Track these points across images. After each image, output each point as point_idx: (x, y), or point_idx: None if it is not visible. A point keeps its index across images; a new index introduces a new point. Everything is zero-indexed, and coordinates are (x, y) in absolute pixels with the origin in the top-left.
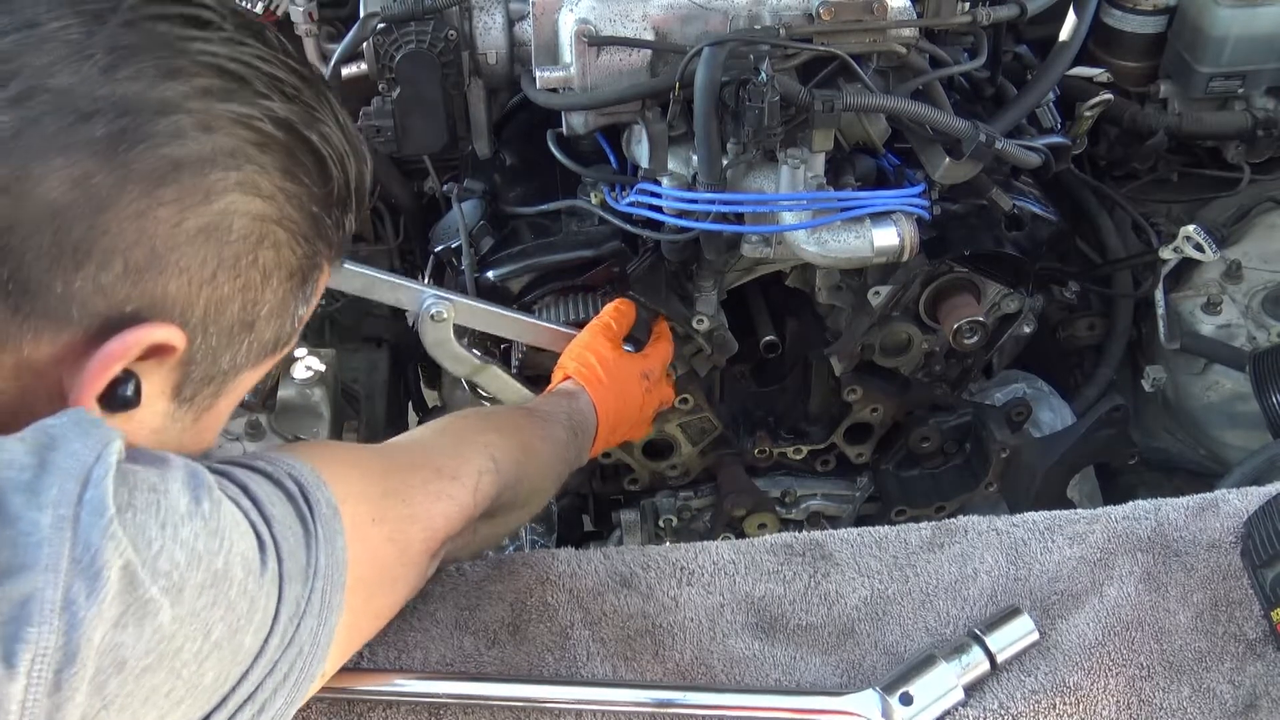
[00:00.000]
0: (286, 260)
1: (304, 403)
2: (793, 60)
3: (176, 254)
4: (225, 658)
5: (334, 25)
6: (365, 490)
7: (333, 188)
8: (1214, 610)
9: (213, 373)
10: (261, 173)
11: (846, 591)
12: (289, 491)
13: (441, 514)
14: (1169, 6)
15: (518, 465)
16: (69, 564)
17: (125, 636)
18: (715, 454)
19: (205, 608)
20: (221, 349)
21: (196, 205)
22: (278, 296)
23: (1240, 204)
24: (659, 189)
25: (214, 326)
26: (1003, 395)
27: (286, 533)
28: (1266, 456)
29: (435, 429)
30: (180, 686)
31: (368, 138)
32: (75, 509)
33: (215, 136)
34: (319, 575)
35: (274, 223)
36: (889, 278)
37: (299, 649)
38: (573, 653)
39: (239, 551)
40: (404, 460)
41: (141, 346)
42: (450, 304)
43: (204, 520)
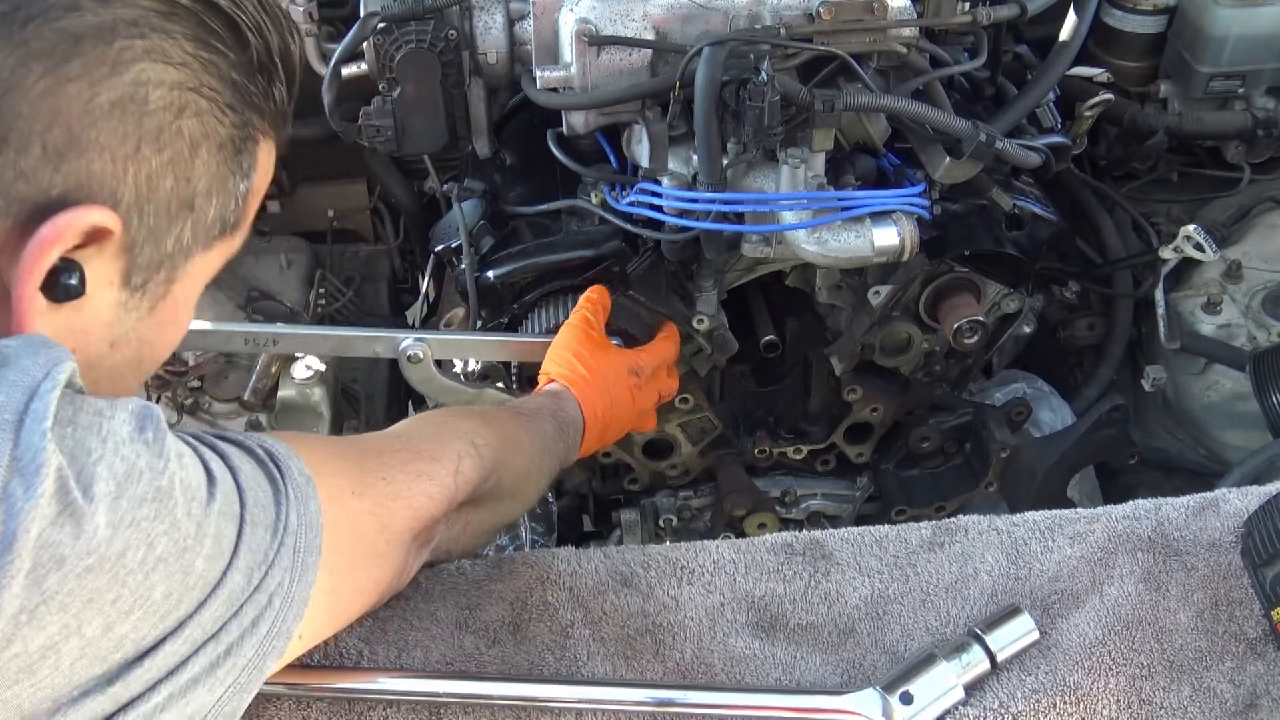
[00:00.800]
0: (213, 130)
1: (304, 403)
2: (793, 60)
3: (94, 131)
4: (174, 576)
5: (334, 25)
6: (343, 466)
7: (251, 54)
8: (1214, 609)
9: (159, 256)
10: (169, 39)
11: (847, 591)
12: (257, 456)
13: (423, 493)
14: (1169, 6)
15: (500, 452)
16: (9, 461)
17: (62, 535)
18: (715, 454)
19: (146, 519)
20: (163, 230)
21: (106, 78)
22: (210, 169)
23: (1240, 204)
24: (659, 189)
25: (149, 205)
26: (1003, 395)
27: (253, 485)
28: (1266, 456)
29: (414, 420)
30: (126, 595)
31: (368, 138)
32: (20, 415)
33: (114, 7)
34: (289, 531)
35: (192, 91)
36: (889, 277)
37: (267, 598)
38: (573, 652)
39: (182, 479)
40: (383, 444)
41: (75, 230)
42: (425, 343)
43: (146, 445)
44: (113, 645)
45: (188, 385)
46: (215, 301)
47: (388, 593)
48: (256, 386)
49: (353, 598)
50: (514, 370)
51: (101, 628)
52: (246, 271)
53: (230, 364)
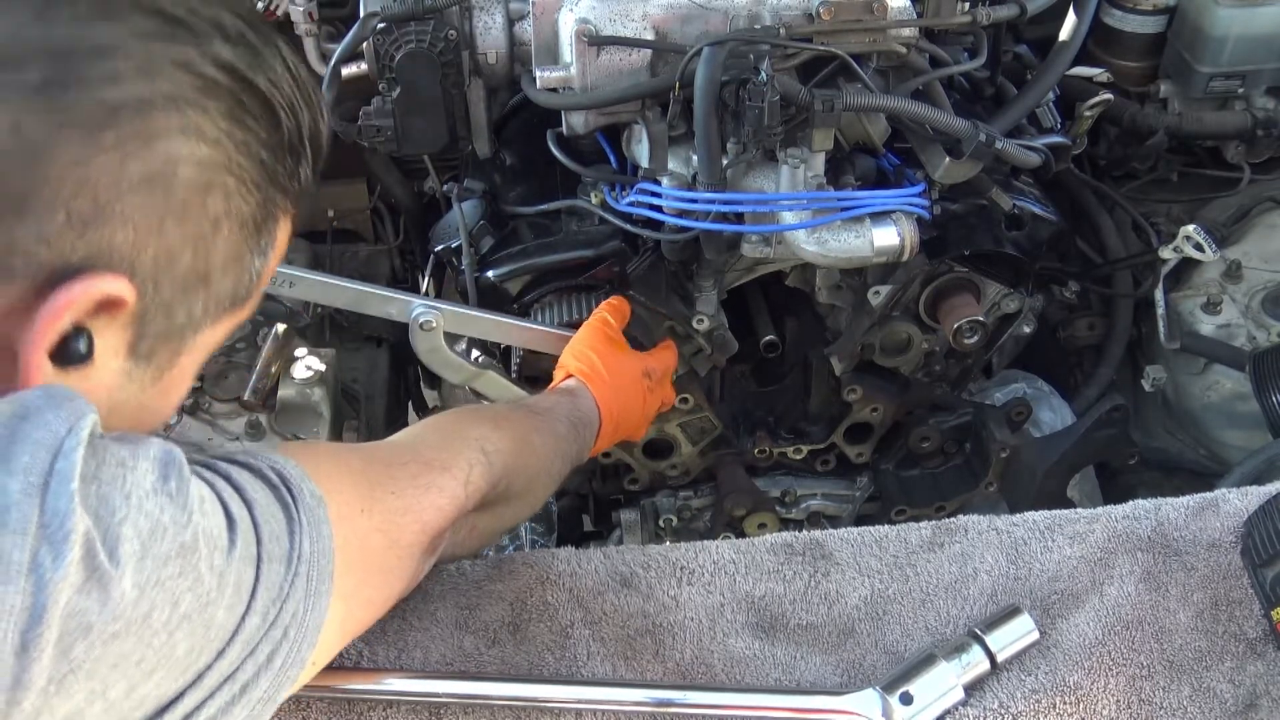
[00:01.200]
0: (238, 209)
1: (304, 403)
2: (793, 60)
3: (121, 203)
4: (197, 631)
5: (334, 25)
6: (352, 483)
7: (283, 135)
8: (1214, 609)
9: (169, 328)
10: (205, 117)
11: (847, 591)
12: (270, 481)
13: (432, 505)
14: (1169, 6)
15: (511, 457)
16: (37, 528)
17: (89, 602)
18: (715, 454)
19: (171, 578)
20: (176, 303)
21: (138, 151)
22: (230, 246)
23: (1240, 204)
24: (659, 189)
25: (166, 279)
26: (1003, 395)
27: (268, 517)
28: (1266, 456)
29: (425, 425)
30: (151, 655)
31: (368, 138)
32: (45, 477)
33: (155, 81)
34: (303, 560)
35: (222, 169)
36: (889, 277)
37: (282, 632)
38: (573, 652)
39: (205, 528)
40: (391, 456)
41: (90, 299)
42: (439, 312)
43: (170, 497)
44: (135, 705)
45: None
46: None
47: (395, 602)
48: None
49: (364, 614)
50: (515, 365)
51: (126, 689)
52: None
53: (230, 364)
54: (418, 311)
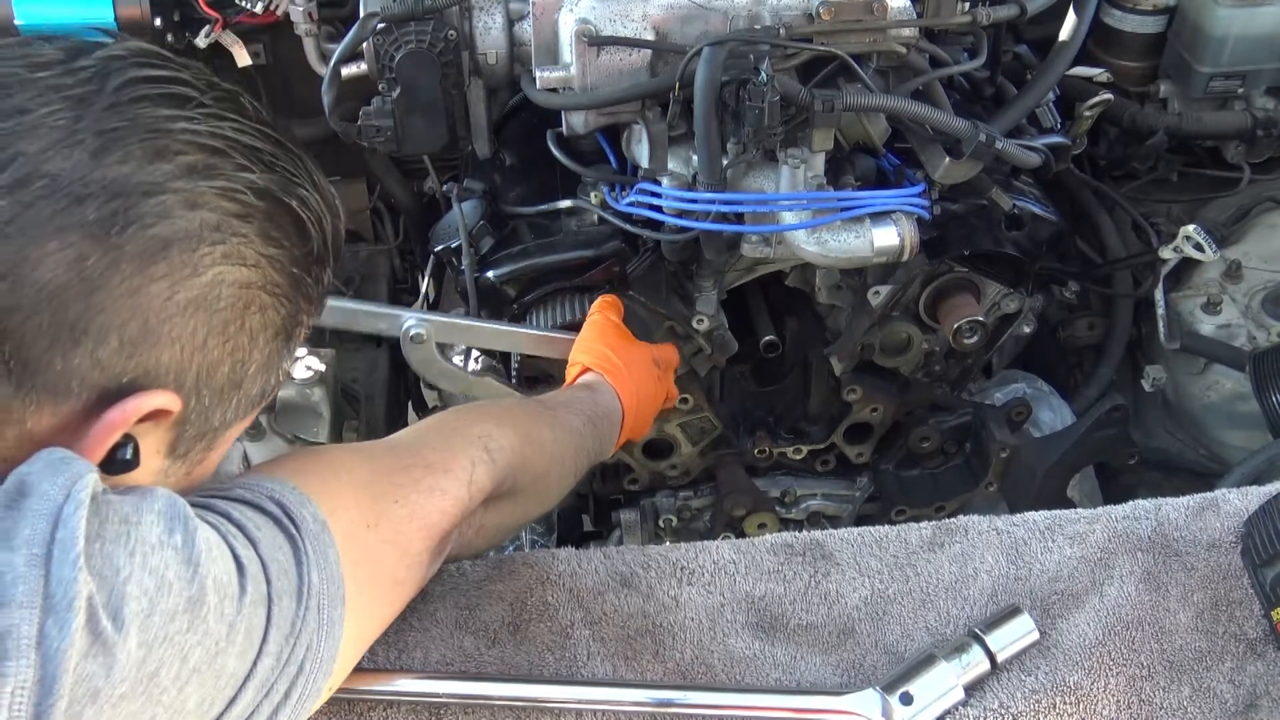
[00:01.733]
0: (271, 321)
1: (304, 403)
2: (793, 60)
3: (169, 326)
4: (207, 682)
5: (334, 25)
6: (355, 498)
7: (312, 247)
8: (1214, 610)
9: (205, 430)
10: (246, 242)
11: (847, 591)
12: (272, 514)
13: (436, 509)
14: (1169, 6)
15: (515, 453)
16: (42, 601)
17: (95, 667)
18: (715, 454)
19: (179, 633)
20: (213, 408)
21: (186, 279)
22: (264, 355)
23: (1240, 204)
24: (659, 189)
25: (206, 389)
26: (1003, 395)
27: (275, 553)
28: (1266, 456)
29: (426, 424)
30: (161, 713)
31: (368, 138)
32: (48, 547)
33: (201, 212)
34: (313, 593)
35: (259, 289)
36: (889, 277)
37: (297, 667)
38: (573, 652)
39: (214, 576)
40: (393, 461)
41: (139, 414)
42: (429, 324)
43: (175, 550)
44: None
45: None
46: None
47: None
48: None
49: (375, 630)
50: (515, 367)
51: None
52: None
53: None
54: (408, 324)
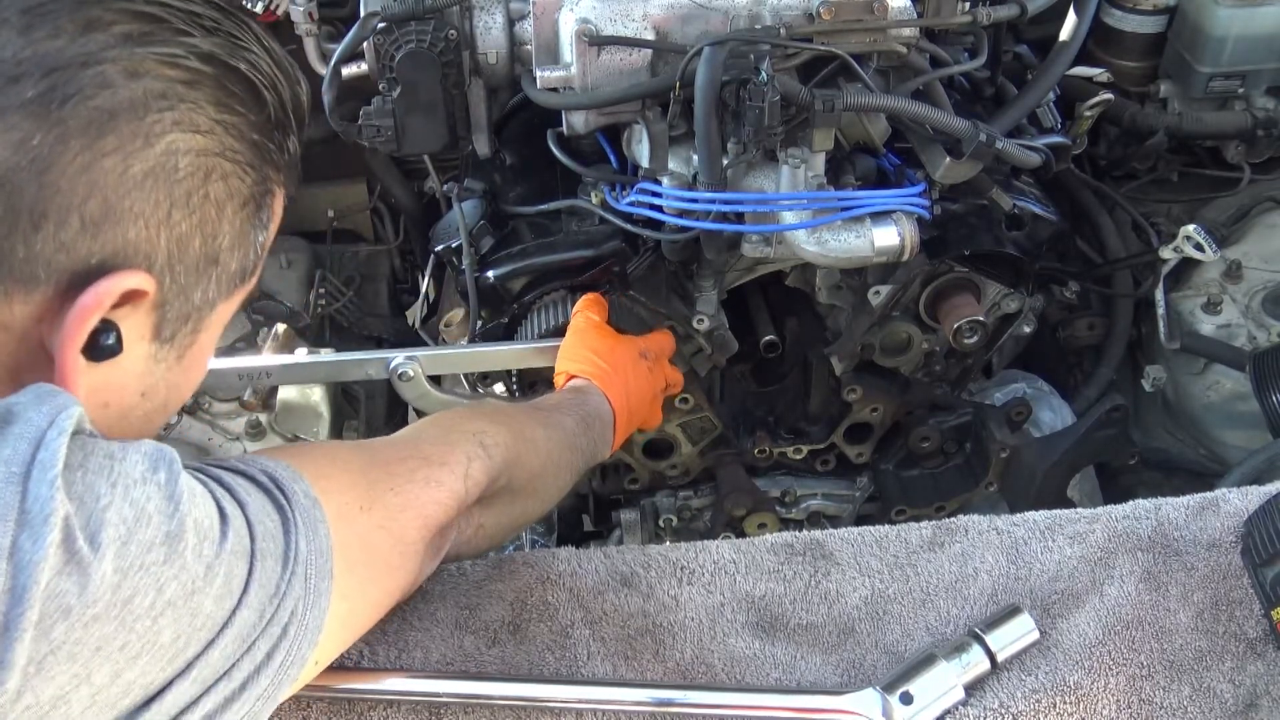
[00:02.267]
0: (237, 190)
1: (304, 403)
2: (793, 60)
3: (129, 200)
4: (182, 619)
5: (334, 25)
6: (350, 481)
7: (269, 112)
8: (1214, 609)
9: (187, 310)
10: (196, 109)
11: (847, 591)
12: (262, 484)
13: (432, 500)
14: (1169, 6)
15: (511, 450)
16: (17, 515)
17: (68, 585)
18: (715, 454)
19: (155, 564)
20: (191, 286)
21: (138, 150)
22: (235, 226)
23: (1240, 204)
24: (659, 188)
25: (180, 265)
26: (1003, 395)
27: (262, 517)
28: (1266, 456)
29: (423, 422)
30: (135, 641)
31: (368, 137)
32: (27, 467)
33: (144, 81)
34: (299, 560)
35: (217, 155)
36: (889, 277)
37: (281, 629)
38: (573, 652)
39: (194, 518)
40: (390, 453)
41: (114, 296)
42: (416, 361)
43: (159, 486)
44: (121, 691)
45: None
46: None
47: (400, 600)
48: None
49: (367, 613)
50: (514, 374)
51: (110, 675)
52: None
53: None
54: (395, 364)
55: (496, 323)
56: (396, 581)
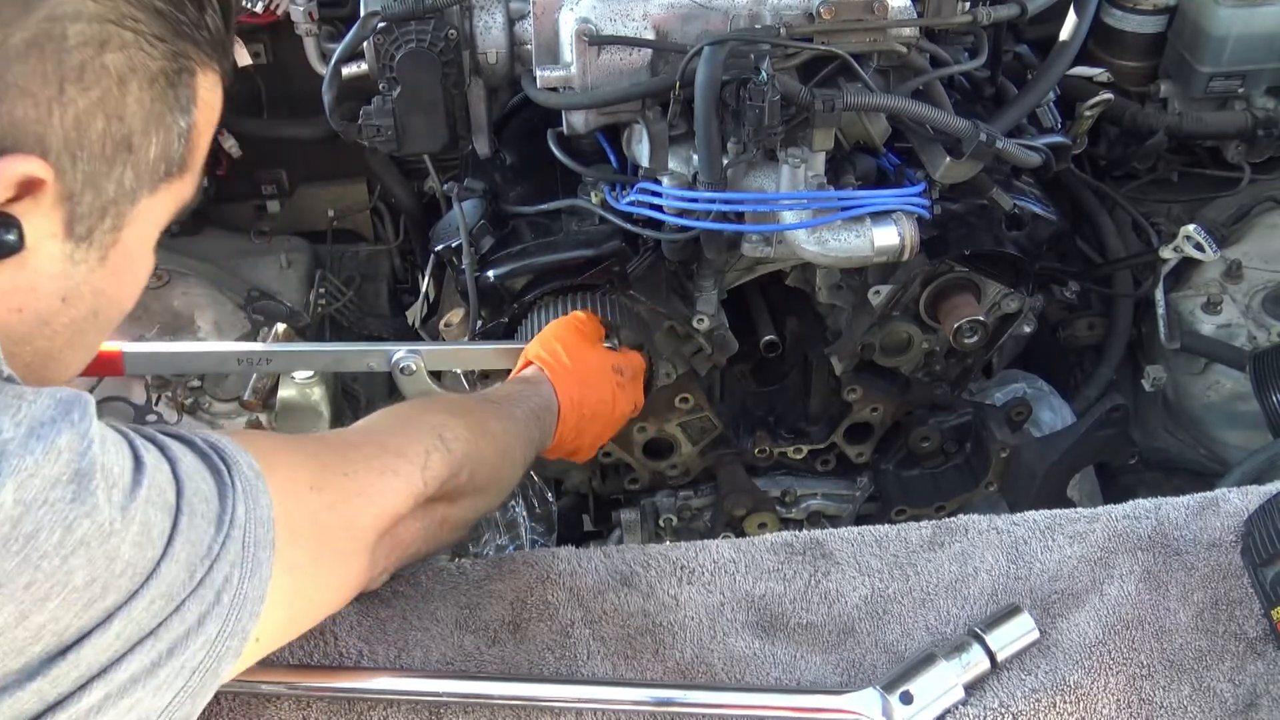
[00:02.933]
0: (141, 64)
1: (304, 403)
2: (793, 59)
3: (11, 74)
4: (97, 562)
5: (334, 25)
6: (299, 461)
7: None
8: (1214, 609)
9: (101, 202)
10: None
11: (847, 590)
12: (201, 449)
13: (389, 489)
14: (1169, 6)
15: (470, 444)
16: None
17: None
18: (715, 453)
19: (62, 500)
20: (101, 174)
21: (17, 19)
22: (144, 106)
23: (1240, 204)
24: (659, 188)
25: (82, 150)
26: (1003, 395)
27: (193, 475)
28: (1267, 456)
29: (381, 414)
30: (42, 580)
31: (368, 137)
32: None
33: None
34: (236, 525)
35: (113, 23)
36: (889, 277)
37: (215, 594)
38: (573, 651)
39: (105, 462)
40: (345, 439)
41: (5, 183)
42: (418, 355)
43: (71, 425)
44: (30, 636)
45: (188, 385)
46: (215, 302)
47: (355, 593)
48: (256, 386)
49: (316, 598)
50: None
51: (15, 615)
52: (247, 271)
53: None
54: (397, 358)
55: (497, 322)
56: (348, 568)
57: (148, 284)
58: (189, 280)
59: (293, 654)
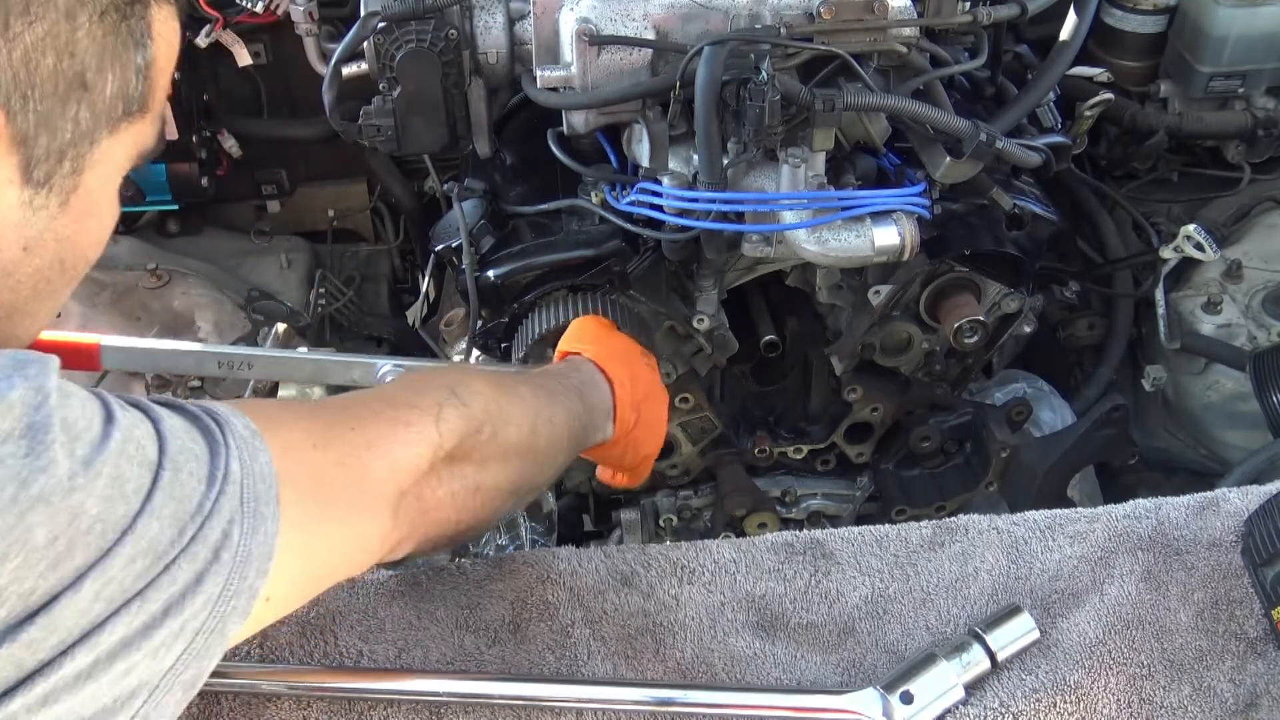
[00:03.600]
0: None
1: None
2: (793, 59)
3: None
4: (59, 518)
5: (334, 25)
6: (301, 423)
7: None
8: (1215, 609)
9: (58, 145)
10: None
11: (847, 590)
12: (191, 411)
13: (400, 441)
14: (1169, 6)
15: (491, 401)
16: None
17: None
18: (715, 453)
19: (13, 456)
20: (55, 114)
21: None
22: (96, 40)
23: (1240, 204)
24: (660, 188)
25: (34, 90)
26: (1003, 395)
27: (179, 433)
28: (1267, 456)
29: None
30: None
31: (369, 137)
32: None
33: None
34: (230, 480)
35: None
36: (889, 277)
37: (212, 552)
38: (573, 651)
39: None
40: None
41: None
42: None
43: (25, 380)
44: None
45: (187, 385)
46: (215, 302)
47: (382, 554)
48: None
49: (334, 558)
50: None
51: None
52: (247, 271)
53: None
54: (383, 372)
55: (497, 322)
56: (365, 526)
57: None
58: (189, 280)
59: (293, 654)
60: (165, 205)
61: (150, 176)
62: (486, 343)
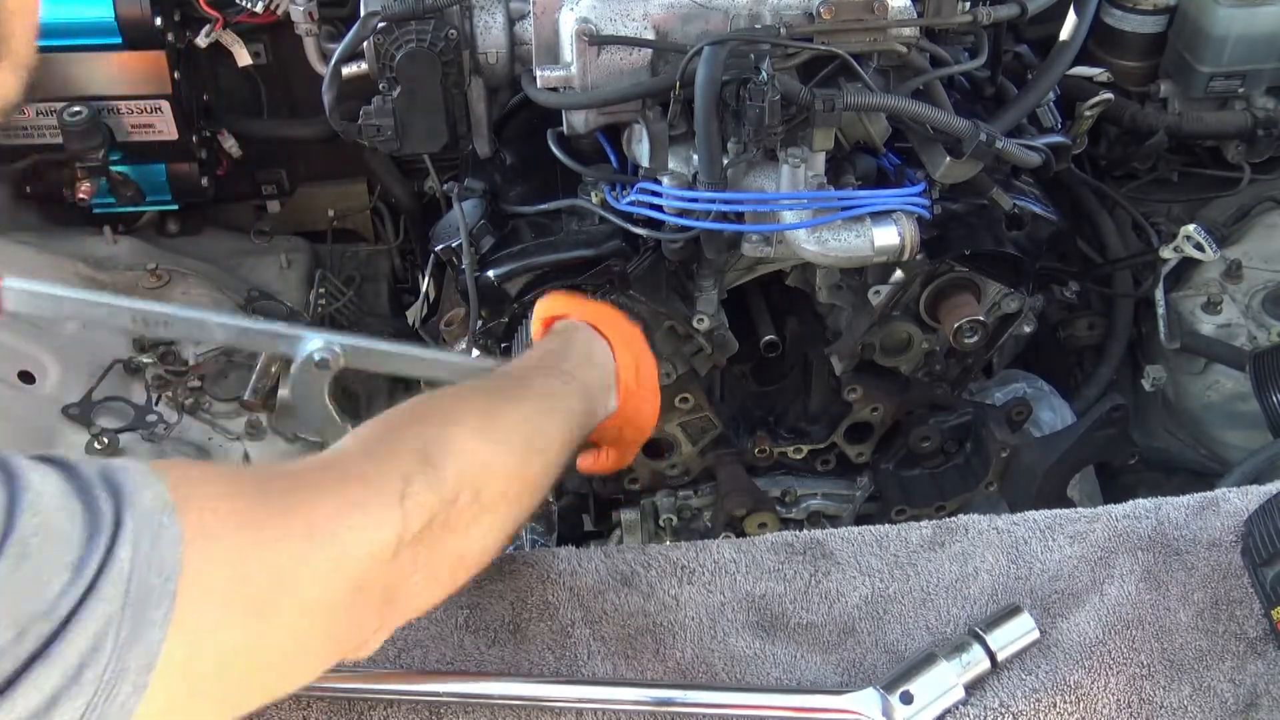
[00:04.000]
0: None
1: None
2: (793, 59)
3: None
4: None
5: (334, 25)
6: (227, 492)
7: None
8: (1214, 609)
9: None
10: None
11: (847, 590)
12: (83, 477)
13: (355, 526)
14: (1169, 6)
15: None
16: None
17: None
18: (715, 453)
19: None
20: None
21: None
22: None
23: (1240, 204)
24: (660, 188)
25: None
26: (1003, 395)
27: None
28: (1267, 455)
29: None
30: None
31: (369, 137)
32: None
33: None
34: (110, 572)
35: None
36: (889, 277)
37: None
38: (573, 651)
39: None
40: (301, 468)
41: None
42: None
43: None
44: None
45: (188, 385)
46: (216, 302)
47: (328, 663)
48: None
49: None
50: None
51: None
52: (247, 271)
53: (230, 363)
54: (312, 347)
55: (496, 322)
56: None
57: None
58: (189, 280)
59: None
60: (165, 205)
61: (150, 176)
62: (486, 343)
